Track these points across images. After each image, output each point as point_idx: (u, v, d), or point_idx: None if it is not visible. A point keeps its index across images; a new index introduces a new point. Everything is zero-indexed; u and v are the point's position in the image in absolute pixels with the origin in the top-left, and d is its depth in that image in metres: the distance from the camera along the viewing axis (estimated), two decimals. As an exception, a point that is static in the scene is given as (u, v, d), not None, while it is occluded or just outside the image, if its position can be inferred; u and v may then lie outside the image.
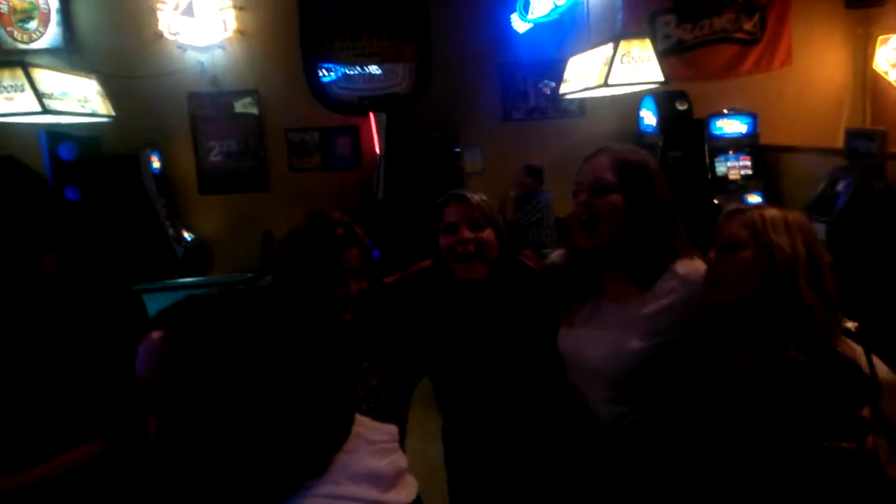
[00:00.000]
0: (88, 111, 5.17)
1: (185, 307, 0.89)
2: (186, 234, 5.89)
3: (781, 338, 1.39)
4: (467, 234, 1.78)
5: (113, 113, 5.49)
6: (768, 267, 1.41)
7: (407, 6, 6.31)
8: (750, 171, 5.95)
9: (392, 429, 1.01)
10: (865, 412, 1.33)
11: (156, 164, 5.75)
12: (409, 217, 4.93)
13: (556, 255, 1.94)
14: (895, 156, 4.55)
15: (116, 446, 1.46)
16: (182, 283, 4.05)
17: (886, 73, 6.33)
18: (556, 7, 6.02)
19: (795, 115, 6.37)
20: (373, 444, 0.95)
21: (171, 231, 5.61)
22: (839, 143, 5.19)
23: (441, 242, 1.82)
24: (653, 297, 1.60)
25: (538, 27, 6.24)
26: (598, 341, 1.63)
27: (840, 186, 4.54)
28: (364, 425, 0.98)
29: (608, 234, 1.62)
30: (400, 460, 0.98)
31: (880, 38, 6.36)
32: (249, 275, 4.31)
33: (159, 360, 0.85)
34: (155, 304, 1.65)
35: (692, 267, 1.60)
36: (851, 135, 4.82)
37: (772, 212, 1.47)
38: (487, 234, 1.79)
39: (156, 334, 0.87)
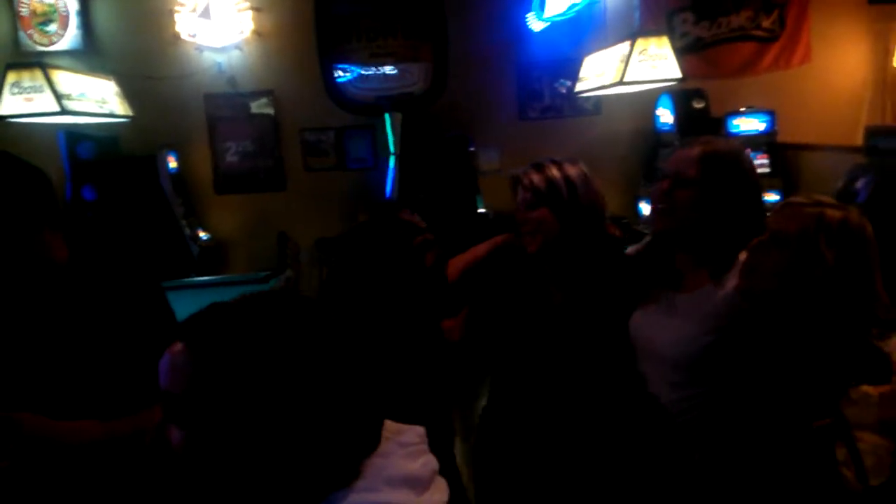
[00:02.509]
0: (107, 112, 5.22)
1: (205, 316, 0.88)
2: (202, 234, 5.92)
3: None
4: (522, 213, 1.92)
5: (131, 113, 5.53)
6: (806, 271, 1.40)
7: (423, 6, 6.31)
8: (768, 170, 5.88)
9: (420, 430, 0.99)
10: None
11: (172, 164, 5.78)
12: (424, 216, 4.93)
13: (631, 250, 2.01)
14: (916, 153, 4.48)
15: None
16: (198, 281, 4.09)
17: (907, 69, 6.25)
18: (573, 5, 5.99)
19: (814, 113, 6.29)
20: (405, 447, 0.93)
21: (187, 230, 5.65)
22: (859, 140, 5.12)
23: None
24: (720, 286, 1.65)
25: (554, 26, 6.20)
26: (669, 329, 1.70)
27: (859, 184, 4.47)
28: (390, 429, 0.96)
29: (683, 224, 1.70)
30: (432, 461, 0.96)
31: (901, 34, 6.27)
32: (264, 273, 4.34)
33: (180, 372, 0.85)
34: (171, 302, 1.67)
35: None
36: (872, 132, 4.75)
37: (832, 214, 1.43)
38: (540, 213, 1.89)
39: (177, 346, 0.86)
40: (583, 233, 1.89)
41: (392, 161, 5.87)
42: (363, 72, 6.37)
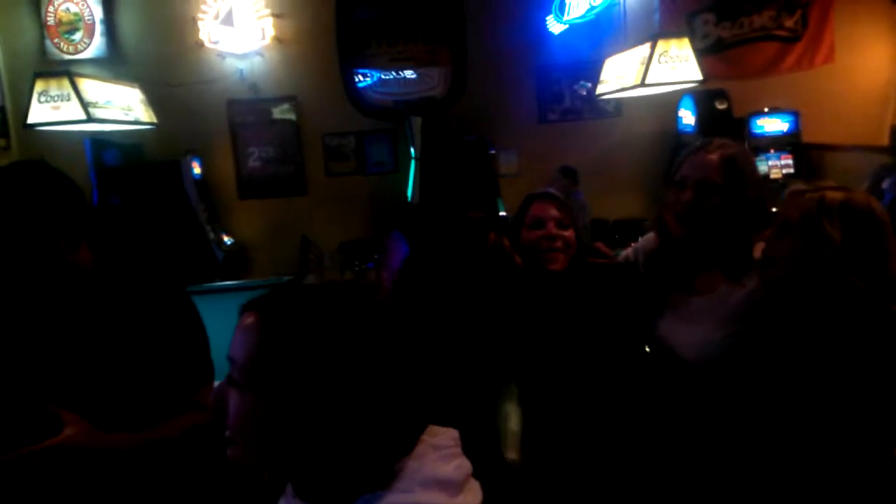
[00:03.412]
0: (132, 119, 5.29)
1: (279, 293, 0.92)
2: (226, 238, 5.98)
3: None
4: (554, 230, 1.86)
5: (155, 120, 5.61)
6: (816, 255, 1.42)
7: (442, 11, 6.34)
8: (792, 170, 5.83)
9: (454, 433, 0.99)
10: None
11: (196, 169, 5.85)
12: (444, 220, 4.94)
13: (629, 251, 2.01)
14: (943, 153, 4.42)
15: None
16: (222, 286, 4.12)
17: (933, 68, 6.16)
18: (592, 7, 5.98)
19: (838, 113, 6.22)
20: (439, 450, 0.93)
21: (211, 235, 5.70)
22: (884, 140, 5.07)
23: (525, 237, 1.89)
24: (738, 287, 1.66)
25: (574, 28, 6.20)
26: (688, 333, 1.70)
27: (885, 184, 4.43)
28: (427, 431, 0.97)
29: (705, 230, 1.70)
30: (465, 464, 0.96)
31: (927, 32, 6.19)
32: (287, 277, 4.36)
33: (248, 342, 0.88)
34: (198, 306, 1.69)
35: None
36: (897, 132, 4.70)
37: (833, 195, 1.45)
38: (570, 234, 1.88)
39: (249, 317, 0.90)
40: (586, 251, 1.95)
41: (413, 165, 5.89)
42: (383, 76, 6.40)
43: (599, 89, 5.64)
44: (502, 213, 5.51)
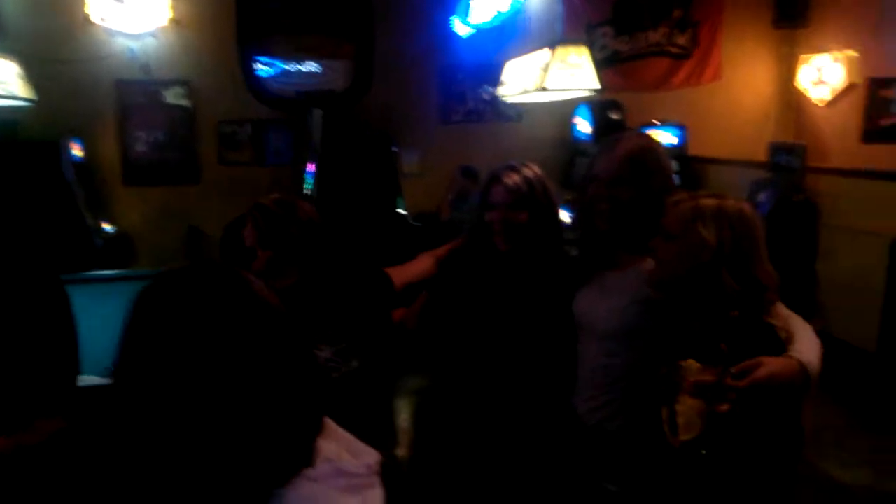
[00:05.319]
0: (6, 93, 4.91)
1: (154, 281, 0.86)
2: (106, 226, 5.66)
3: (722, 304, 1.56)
4: (500, 214, 1.97)
5: (34, 97, 5.23)
6: (694, 257, 1.56)
7: (347, 4, 6.25)
8: (678, 182, 6.10)
9: (372, 458, 0.89)
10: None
11: (77, 152, 5.50)
12: (343, 213, 4.87)
13: None
14: (815, 169, 4.75)
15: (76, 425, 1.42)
16: (101, 275, 3.89)
17: (807, 90, 6.63)
18: (499, 14, 6.06)
19: (723, 129, 6.58)
20: (346, 478, 0.83)
21: (90, 222, 5.38)
22: (762, 156, 5.39)
23: (486, 217, 2.01)
24: (644, 263, 1.79)
25: (480, 32, 6.26)
26: (602, 304, 1.87)
27: (761, 198, 4.70)
28: (347, 446, 0.88)
29: (622, 220, 1.84)
30: (374, 496, 0.87)
31: (802, 57, 6.66)
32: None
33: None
34: (72, 296, 1.57)
35: None
36: (774, 148, 5.00)
37: (707, 202, 1.60)
38: (523, 215, 1.97)
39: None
40: (550, 232, 2.03)
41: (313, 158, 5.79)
42: (285, 66, 6.25)
43: (500, 91, 5.71)
44: (401, 211, 5.50)
